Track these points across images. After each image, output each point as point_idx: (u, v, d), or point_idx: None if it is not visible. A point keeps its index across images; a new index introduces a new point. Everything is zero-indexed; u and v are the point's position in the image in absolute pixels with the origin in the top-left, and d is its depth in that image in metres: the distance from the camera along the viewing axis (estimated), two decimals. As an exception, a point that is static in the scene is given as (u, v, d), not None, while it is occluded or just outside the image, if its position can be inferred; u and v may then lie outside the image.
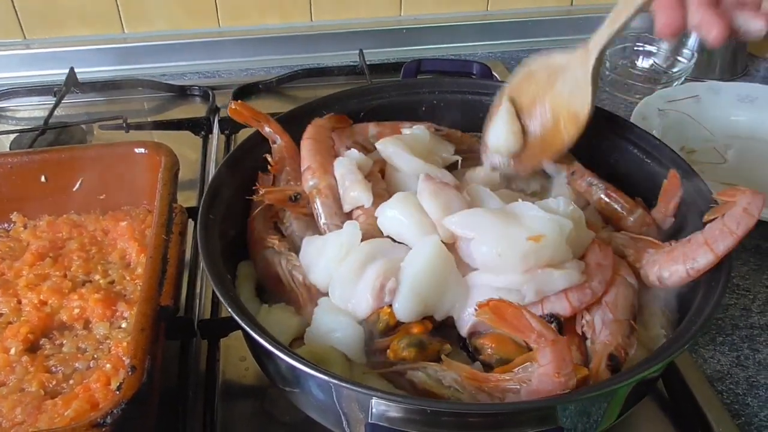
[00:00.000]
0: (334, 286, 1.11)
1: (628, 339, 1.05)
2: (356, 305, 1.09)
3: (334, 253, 1.13)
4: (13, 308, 1.20)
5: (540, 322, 0.99)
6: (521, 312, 0.99)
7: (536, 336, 0.97)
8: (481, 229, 1.09)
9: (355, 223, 1.17)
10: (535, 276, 1.06)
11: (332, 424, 1.03)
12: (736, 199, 1.08)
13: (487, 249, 1.07)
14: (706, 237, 1.07)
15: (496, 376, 1.00)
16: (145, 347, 0.97)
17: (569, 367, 0.95)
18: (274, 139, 1.34)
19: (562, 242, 1.08)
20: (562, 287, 1.07)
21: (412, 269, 1.08)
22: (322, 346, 1.06)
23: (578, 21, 2.50)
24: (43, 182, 1.37)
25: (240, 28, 2.37)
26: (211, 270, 1.04)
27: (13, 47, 2.26)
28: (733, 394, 1.26)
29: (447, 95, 1.41)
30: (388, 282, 1.07)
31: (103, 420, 0.87)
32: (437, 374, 1.01)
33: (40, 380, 1.07)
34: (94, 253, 1.32)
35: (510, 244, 1.06)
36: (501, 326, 1.01)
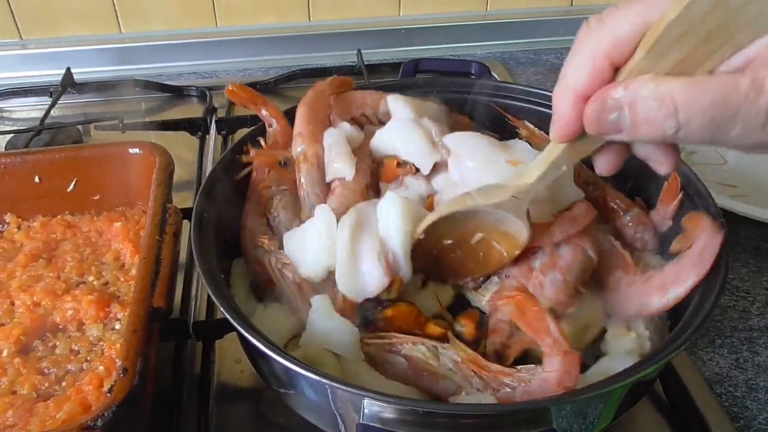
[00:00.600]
0: (341, 280, 1.10)
1: (569, 299, 1.07)
2: (370, 284, 1.09)
3: (318, 243, 1.13)
4: (6, 310, 1.19)
5: (559, 329, 0.99)
6: (544, 315, 1.01)
7: (551, 342, 0.98)
8: (470, 148, 1.19)
9: (325, 206, 1.17)
10: None
11: (327, 425, 1.02)
12: (696, 235, 1.07)
13: (471, 165, 1.17)
14: (663, 280, 1.08)
15: (497, 366, 1.00)
16: (137, 349, 0.95)
17: (573, 382, 0.95)
18: (271, 123, 1.34)
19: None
20: None
21: (395, 239, 1.10)
22: (316, 349, 1.05)
23: (578, 21, 2.44)
24: (37, 183, 1.36)
25: (238, 28, 2.37)
26: (204, 269, 1.04)
27: (10, 47, 2.26)
28: (732, 396, 1.25)
29: (445, 95, 1.40)
30: (389, 256, 1.09)
31: (93, 423, 0.86)
32: (437, 351, 1.03)
33: (32, 382, 1.06)
34: (88, 254, 1.31)
35: (490, 163, 1.16)
36: (520, 322, 1.03)
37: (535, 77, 2.29)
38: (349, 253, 1.10)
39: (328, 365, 1.04)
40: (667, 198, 1.21)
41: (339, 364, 1.05)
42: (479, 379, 0.99)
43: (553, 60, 2.40)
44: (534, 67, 2.36)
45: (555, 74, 2.18)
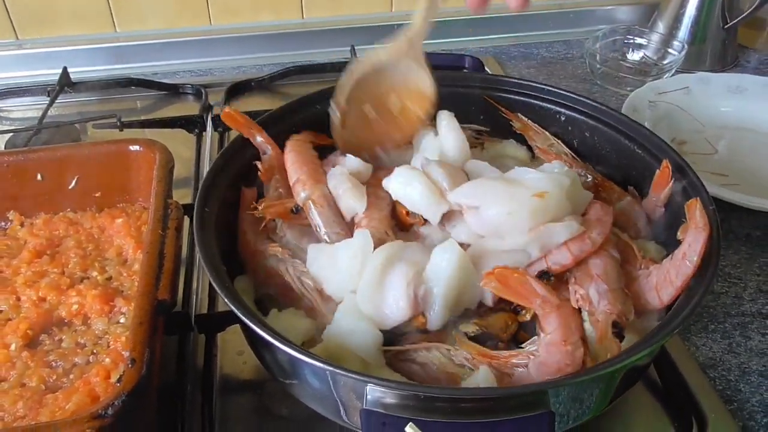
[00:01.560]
0: (362, 299, 1.10)
1: (626, 305, 1.08)
2: (391, 314, 1.09)
3: (350, 265, 1.13)
4: (12, 305, 1.21)
5: (545, 287, 1.01)
6: (525, 278, 1.02)
7: (541, 302, 1.00)
8: (486, 195, 1.14)
9: (365, 231, 1.16)
10: (538, 233, 1.10)
11: (330, 413, 1.04)
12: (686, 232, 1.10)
13: (495, 211, 1.12)
14: (657, 281, 1.10)
15: (505, 352, 1.03)
16: (143, 340, 0.98)
17: (576, 335, 0.97)
18: (265, 150, 1.33)
19: (563, 197, 1.12)
20: (564, 239, 1.11)
21: (441, 285, 1.09)
22: (339, 345, 1.07)
23: (568, 15, 2.52)
24: (39, 181, 1.38)
25: (232, 26, 2.38)
26: (207, 261, 1.06)
27: (6, 47, 2.27)
28: (725, 380, 1.27)
29: (440, 88, 1.42)
30: (420, 289, 1.08)
31: (104, 411, 0.88)
32: (450, 354, 1.04)
33: (40, 375, 1.08)
34: (90, 250, 1.33)
35: (518, 203, 1.11)
36: (507, 294, 1.04)
37: (527, 71, 2.31)
38: (378, 275, 1.10)
39: (352, 365, 1.05)
40: (658, 185, 1.24)
41: (364, 365, 1.06)
42: (494, 369, 1.01)
43: (544, 53, 2.42)
44: (526, 60, 2.38)
45: (546, 67, 2.23)
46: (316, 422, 1.16)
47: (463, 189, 1.17)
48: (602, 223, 1.14)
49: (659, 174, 1.23)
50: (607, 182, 1.31)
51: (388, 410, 0.90)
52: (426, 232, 1.22)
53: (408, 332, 1.11)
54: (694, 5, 2.18)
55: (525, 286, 1.02)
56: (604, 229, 1.13)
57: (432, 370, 1.05)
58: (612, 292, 1.08)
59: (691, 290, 1.03)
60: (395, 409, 0.90)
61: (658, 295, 1.09)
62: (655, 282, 1.10)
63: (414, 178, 1.20)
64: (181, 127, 1.91)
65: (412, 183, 1.20)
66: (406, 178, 1.21)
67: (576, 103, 1.41)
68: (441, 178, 1.19)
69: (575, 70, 2.30)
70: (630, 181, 1.32)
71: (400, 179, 1.22)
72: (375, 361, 1.06)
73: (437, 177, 1.20)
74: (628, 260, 1.16)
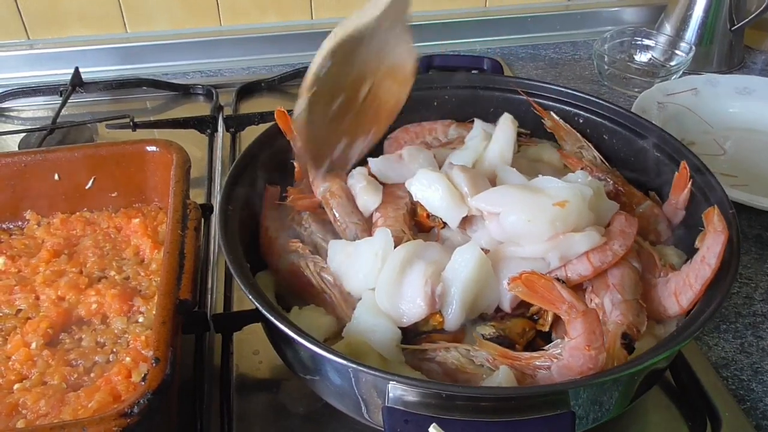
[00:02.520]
0: (380, 295, 1.12)
1: (638, 317, 1.09)
2: (408, 311, 1.10)
3: (370, 263, 1.15)
4: (32, 304, 1.21)
5: (571, 293, 1.02)
6: (552, 284, 1.03)
7: (567, 307, 1.01)
8: (507, 202, 1.15)
9: (386, 230, 1.18)
10: (558, 242, 1.11)
11: (351, 410, 1.05)
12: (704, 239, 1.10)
13: (516, 218, 1.13)
14: (676, 286, 1.11)
15: (527, 354, 1.03)
16: (167, 339, 0.99)
17: (600, 341, 0.98)
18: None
19: (584, 207, 1.13)
20: (584, 250, 1.12)
21: (459, 285, 1.10)
22: (360, 341, 1.08)
23: (576, 16, 2.53)
24: (56, 180, 1.39)
25: (241, 27, 2.39)
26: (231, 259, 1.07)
27: (17, 48, 2.28)
28: (738, 380, 1.28)
29: (459, 90, 1.43)
30: (437, 287, 1.09)
31: (130, 410, 0.89)
32: (469, 354, 1.05)
33: (61, 373, 1.09)
34: (108, 249, 1.33)
35: (538, 210, 1.12)
36: (533, 299, 1.04)
37: (534, 72, 2.32)
38: (397, 273, 1.11)
39: (372, 361, 1.06)
40: (677, 187, 1.25)
41: (383, 362, 1.07)
42: (516, 370, 1.02)
43: (552, 55, 2.43)
44: (533, 62, 2.39)
45: (554, 69, 2.24)
46: (333, 420, 1.18)
47: (485, 195, 1.18)
48: (625, 235, 1.14)
49: (678, 176, 1.24)
50: (628, 187, 1.32)
51: (410, 408, 0.92)
52: (446, 235, 1.23)
53: (426, 332, 1.12)
54: (701, 7, 2.19)
55: (552, 292, 1.03)
56: (626, 241, 1.13)
57: (451, 370, 1.06)
58: (626, 303, 1.09)
59: (711, 293, 1.04)
60: (417, 407, 0.91)
61: (677, 300, 1.10)
62: (674, 288, 1.11)
63: (436, 181, 1.21)
64: (194, 127, 1.92)
65: (434, 186, 1.21)
66: (428, 180, 1.22)
67: (594, 105, 1.42)
68: (463, 183, 1.20)
69: (583, 72, 2.31)
70: (648, 184, 1.33)
71: (423, 181, 1.23)
72: (394, 357, 1.08)
73: (459, 182, 1.21)
74: (649, 268, 1.17)
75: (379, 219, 1.25)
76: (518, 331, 1.10)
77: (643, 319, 1.09)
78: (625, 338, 1.04)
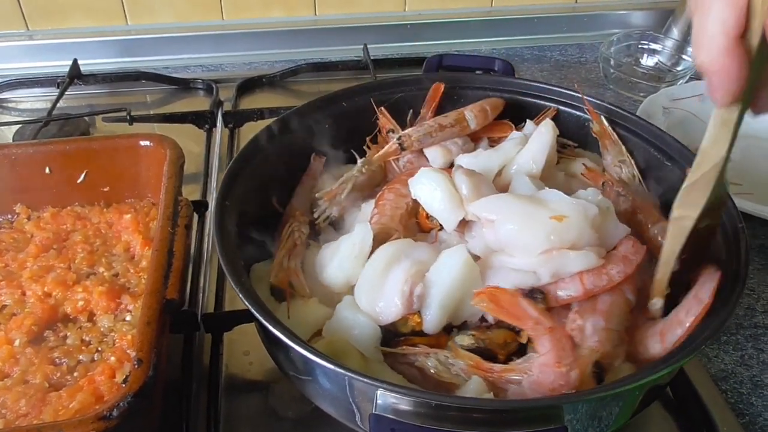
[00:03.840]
0: (360, 290, 1.11)
1: (615, 350, 1.04)
2: (384, 309, 1.08)
3: (347, 251, 1.15)
4: (18, 300, 1.19)
5: (537, 309, 0.99)
6: (517, 299, 1.01)
7: (533, 323, 0.99)
8: (504, 210, 1.11)
9: (366, 225, 1.17)
10: (551, 257, 1.07)
11: (340, 415, 1.02)
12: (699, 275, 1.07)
13: (510, 227, 1.09)
14: (663, 326, 1.06)
15: (500, 366, 1.01)
16: (151, 340, 0.96)
17: (570, 357, 0.96)
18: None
19: (585, 225, 1.08)
20: (577, 269, 1.07)
21: (440, 287, 1.08)
22: (340, 340, 1.06)
23: (582, 18, 2.50)
24: (48, 174, 1.37)
25: (244, 22, 2.36)
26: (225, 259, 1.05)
27: (16, 38, 2.25)
28: (737, 393, 1.26)
29: (468, 91, 1.40)
30: (416, 287, 1.07)
31: (109, 413, 0.86)
32: (447, 361, 1.03)
33: (44, 372, 1.07)
34: (98, 245, 1.31)
35: (534, 222, 1.08)
36: (499, 314, 1.02)
37: (540, 74, 2.29)
38: (380, 269, 1.10)
39: (352, 359, 1.05)
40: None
41: (364, 361, 1.05)
42: (487, 383, 1.00)
43: (558, 56, 2.40)
44: (539, 63, 2.36)
45: (560, 71, 2.21)
46: (323, 425, 1.16)
47: (483, 201, 1.14)
48: (627, 261, 1.09)
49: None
50: (644, 203, 1.26)
51: (399, 416, 0.89)
52: (443, 237, 1.20)
53: (406, 334, 1.10)
54: (710, 12, 2.16)
55: (517, 307, 1.00)
56: (626, 269, 1.08)
57: (429, 375, 1.04)
58: (607, 332, 1.04)
59: (716, 309, 1.01)
60: (406, 415, 0.89)
61: (662, 339, 1.04)
62: (661, 327, 1.06)
63: (436, 181, 1.19)
64: (192, 122, 1.90)
65: (433, 187, 1.18)
66: (428, 180, 1.20)
67: (606, 112, 1.38)
68: (464, 186, 1.17)
69: (588, 74, 2.28)
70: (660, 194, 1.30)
71: (423, 181, 1.20)
72: (373, 356, 1.07)
73: (460, 184, 1.17)
74: (642, 306, 1.11)
75: (375, 215, 1.23)
76: (499, 342, 1.07)
77: (620, 353, 1.05)
78: (597, 367, 1.00)
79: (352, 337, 1.06)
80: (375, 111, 1.43)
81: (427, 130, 1.34)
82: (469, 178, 1.18)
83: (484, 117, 1.39)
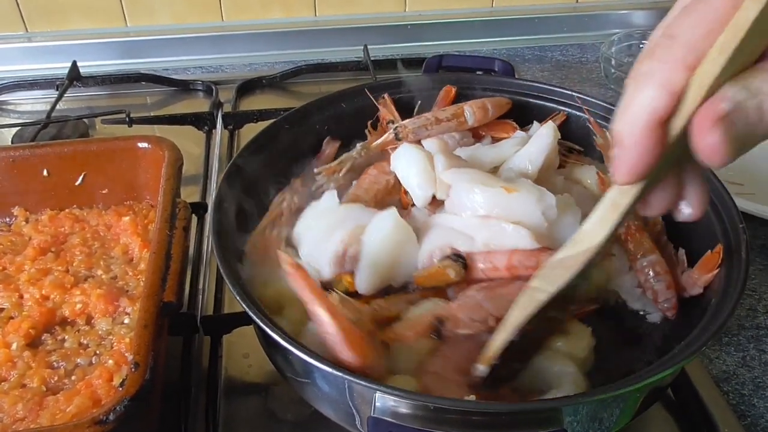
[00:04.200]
0: (303, 244, 1.17)
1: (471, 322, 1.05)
2: (321, 266, 1.12)
3: (310, 214, 1.21)
4: (15, 303, 1.19)
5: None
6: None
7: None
8: (464, 176, 1.15)
9: (333, 192, 1.23)
10: (488, 223, 1.10)
11: (339, 418, 1.02)
12: None
13: (462, 188, 1.14)
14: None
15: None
16: (148, 344, 0.96)
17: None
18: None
19: (535, 209, 1.09)
20: (510, 245, 1.09)
21: (370, 246, 1.12)
22: (285, 289, 1.07)
23: (583, 18, 2.50)
24: (46, 176, 1.36)
25: (243, 23, 2.36)
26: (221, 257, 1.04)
27: (15, 40, 2.25)
28: (739, 394, 1.25)
29: (468, 91, 1.40)
30: (349, 249, 1.11)
31: (105, 417, 0.86)
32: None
33: (41, 376, 1.06)
34: (96, 248, 1.31)
35: (485, 187, 1.11)
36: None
37: (540, 74, 2.28)
38: (324, 228, 1.15)
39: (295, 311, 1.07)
40: (704, 267, 1.12)
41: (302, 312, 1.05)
42: None
43: (558, 57, 2.39)
44: (539, 64, 2.35)
45: (560, 71, 2.20)
46: (322, 428, 1.15)
47: (452, 171, 1.18)
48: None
49: (709, 254, 1.12)
50: (641, 234, 1.20)
51: (397, 419, 0.88)
52: (415, 213, 1.23)
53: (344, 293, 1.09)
54: (711, 11, 2.15)
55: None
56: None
57: None
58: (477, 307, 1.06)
59: (719, 308, 1.00)
60: (404, 418, 0.88)
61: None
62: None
63: (414, 157, 1.23)
64: (191, 124, 1.89)
65: (411, 162, 1.23)
66: (408, 156, 1.24)
67: (606, 112, 1.36)
68: (440, 164, 1.20)
69: (589, 74, 2.28)
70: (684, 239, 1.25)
71: (402, 155, 1.25)
72: None
73: (437, 163, 1.21)
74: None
75: (353, 188, 1.29)
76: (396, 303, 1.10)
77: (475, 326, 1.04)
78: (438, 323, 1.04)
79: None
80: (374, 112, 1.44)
81: (423, 123, 1.34)
82: (447, 158, 1.21)
83: (484, 114, 1.38)
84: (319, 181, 1.32)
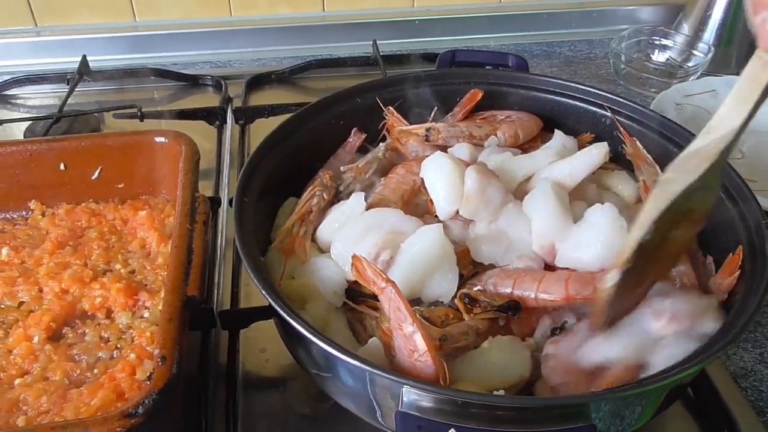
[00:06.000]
0: (336, 242, 1.17)
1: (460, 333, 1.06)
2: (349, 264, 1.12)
3: (336, 216, 1.22)
4: (35, 296, 1.19)
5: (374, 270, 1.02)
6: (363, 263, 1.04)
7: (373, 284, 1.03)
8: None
9: (360, 194, 1.24)
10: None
11: (363, 412, 1.02)
12: None
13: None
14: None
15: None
16: (174, 337, 0.96)
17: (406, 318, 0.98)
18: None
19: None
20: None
21: (407, 255, 1.12)
22: (309, 283, 1.11)
23: (591, 14, 2.49)
24: (62, 170, 1.36)
25: (252, 18, 2.36)
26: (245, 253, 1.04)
27: (25, 35, 2.25)
28: (757, 391, 1.25)
29: (482, 87, 1.40)
30: (383, 253, 1.11)
31: (135, 410, 0.86)
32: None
33: (64, 369, 1.07)
34: (114, 242, 1.31)
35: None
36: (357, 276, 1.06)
37: (549, 69, 2.28)
38: (359, 228, 1.16)
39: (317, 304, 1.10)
40: (725, 271, 1.12)
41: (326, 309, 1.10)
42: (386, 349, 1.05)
43: (567, 52, 2.39)
44: (548, 59, 2.35)
45: (569, 66, 2.20)
46: (340, 422, 1.15)
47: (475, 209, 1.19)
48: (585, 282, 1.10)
49: (730, 260, 1.12)
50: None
51: (424, 413, 0.89)
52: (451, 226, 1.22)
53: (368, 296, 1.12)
54: (721, 8, 2.15)
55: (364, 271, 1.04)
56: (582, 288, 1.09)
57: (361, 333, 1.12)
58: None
59: (741, 308, 1.00)
60: (431, 413, 0.88)
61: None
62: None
63: (445, 168, 1.22)
64: (202, 118, 1.89)
65: (440, 172, 1.23)
66: (438, 165, 1.23)
67: (621, 106, 1.37)
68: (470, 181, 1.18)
69: (598, 70, 2.27)
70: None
71: (433, 164, 1.24)
72: (333, 300, 1.13)
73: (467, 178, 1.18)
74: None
75: (379, 186, 1.29)
76: (439, 315, 1.09)
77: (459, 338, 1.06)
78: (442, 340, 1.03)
79: (319, 278, 1.12)
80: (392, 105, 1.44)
81: (456, 133, 1.35)
82: (479, 175, 1.18)
83: (514, 141, 1.39)
84: (347, 180, 1.32)
